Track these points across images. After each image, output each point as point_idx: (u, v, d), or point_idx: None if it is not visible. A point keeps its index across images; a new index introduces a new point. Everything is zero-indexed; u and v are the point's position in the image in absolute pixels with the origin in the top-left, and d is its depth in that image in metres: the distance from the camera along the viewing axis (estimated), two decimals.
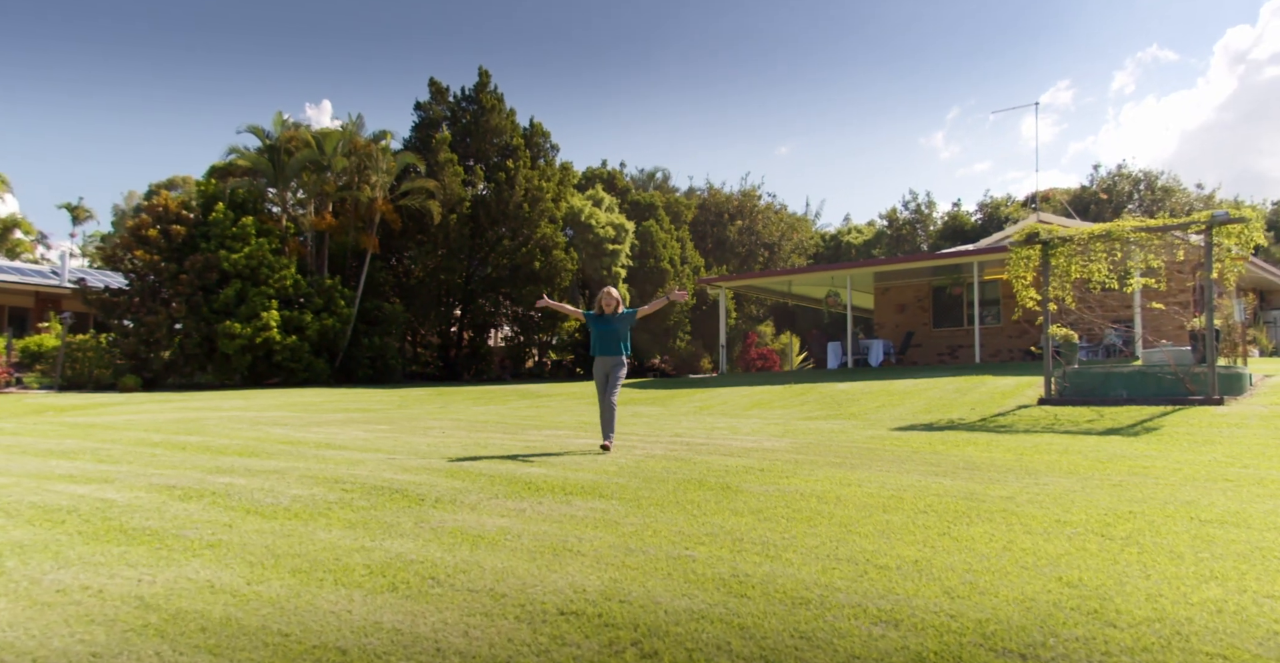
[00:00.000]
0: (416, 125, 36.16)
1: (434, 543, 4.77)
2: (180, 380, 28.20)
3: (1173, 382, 13.03)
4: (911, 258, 24.06)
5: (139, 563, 4.35)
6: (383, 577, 4.12)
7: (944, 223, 53.97)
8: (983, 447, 9.73)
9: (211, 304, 26.73)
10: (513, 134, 35.62)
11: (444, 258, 32.93)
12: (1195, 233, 13.28)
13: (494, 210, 33.32)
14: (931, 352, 24.89)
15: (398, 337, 32.41)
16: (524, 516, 5.51)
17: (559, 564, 4.37)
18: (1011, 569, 4.33)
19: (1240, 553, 4.75)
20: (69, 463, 7.61)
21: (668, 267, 37.56)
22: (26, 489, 6.24)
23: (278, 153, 30.96)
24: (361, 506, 5.79)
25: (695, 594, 3.87)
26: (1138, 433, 10.80)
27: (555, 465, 7.61)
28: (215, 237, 27.39)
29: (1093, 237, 13.48)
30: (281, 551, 4.60)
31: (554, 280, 33.47)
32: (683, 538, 4.90)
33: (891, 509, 5.79)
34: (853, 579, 4.12)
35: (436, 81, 36.34)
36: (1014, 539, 4.97)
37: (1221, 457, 9.12)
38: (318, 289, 28.91)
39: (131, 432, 10.34)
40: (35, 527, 5.09)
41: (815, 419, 13.45)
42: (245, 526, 5.17)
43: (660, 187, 48.31)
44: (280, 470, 7.14)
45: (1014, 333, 23.64)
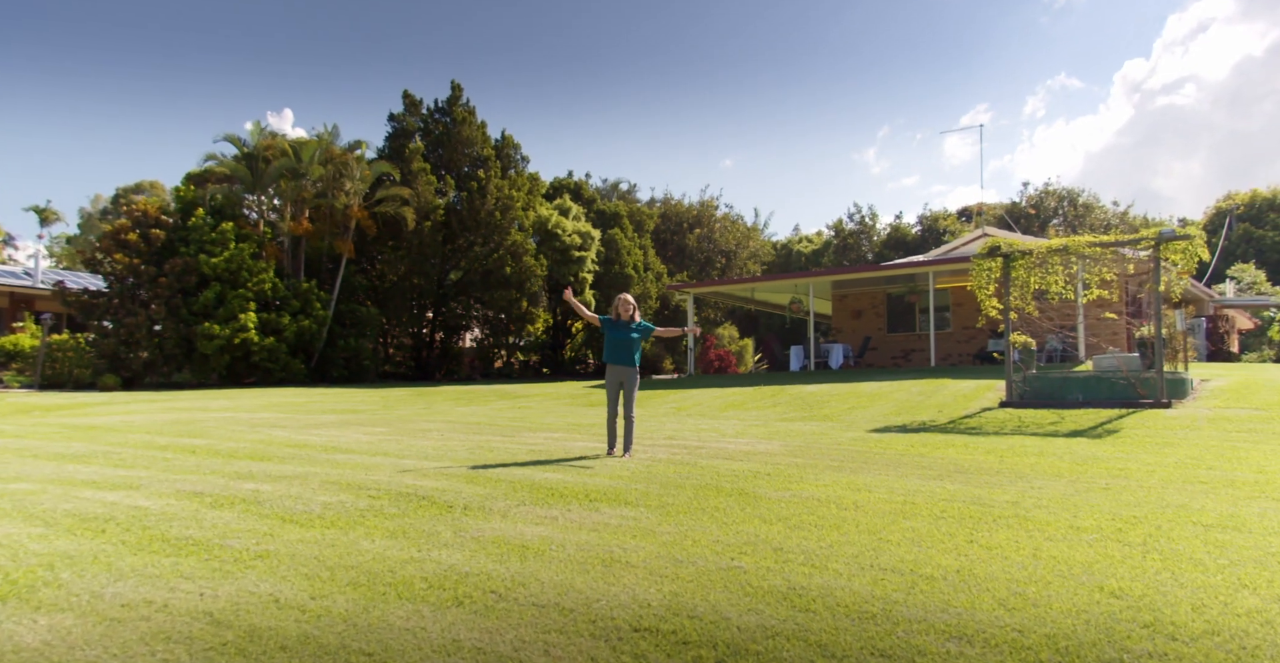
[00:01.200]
0: (390, 135, 35.62)
1: (481, 554, 4.55)
2: (158, 380, 27.41)
3: (1125, 386, 13.20)
4: (870, 268, 24.22)
5: (194, 575, 4.07)
6: (444, 590, 3.90)
7: (886, 234, 54.58)
8: (963, 449, 9.72)
9: (190, 306, 26.11)
10: (484, 145, 35.31)
11: (417, 263, 32.49)
12: (1144, 248, 13.46)
13: (466, 218, 32.97)
14: (886, 355, 25.07)
15: (372, 338, 31.87)
16: (557, 524, 5.31)
17: (613, 576, 4.18)
18: (1051, 578, 4.24)
19: (1255, 559, 4.71)
20: (86, 468, 7.22)
21: (632, 272, 37.41)
22: (55, 496, 5.88)
23: (255, 160, 30.36)
24: (393, 513, 5.54)
25: (760, 609, 3.71)
26: (1100, 436, 10.89)
27: (569, 470, 7.40)
28: (195, 241, 26.77)
29: (1050, 250, 13.61)
30: (332, 562, 4.35)
31: (524, 285, 33.19)
32: (724, 548, 4.74)
33: (910, 515, 5.69)
34: (906, 591, 3.99)
35: (410, 94, 35.87)
36: (1039, 546, 4.89)
37: (1185, 459, 9.20)
38: (295, 292, 28.37)
39: (135, 434, 9.90)
40: (77, 536, 4.77)
41: (792, 421, 13.39)
42: (286, 535, 4.90)
43: (624, 196, 48.15)
44: (300, 476, 6.84)
45: (963, 338, 23.90)
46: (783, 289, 27.05)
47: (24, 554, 4.38)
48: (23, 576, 4.02)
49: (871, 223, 55.45)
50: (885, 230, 54.85)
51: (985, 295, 14.09)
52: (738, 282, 26.66)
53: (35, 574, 4.03)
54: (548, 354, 40.56)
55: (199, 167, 31.37)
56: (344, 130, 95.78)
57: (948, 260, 21.95)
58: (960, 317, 24.06)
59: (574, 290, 37.01)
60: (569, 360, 40.78)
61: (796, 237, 56.59)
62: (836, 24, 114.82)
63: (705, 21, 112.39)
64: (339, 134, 32.36)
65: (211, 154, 30.57)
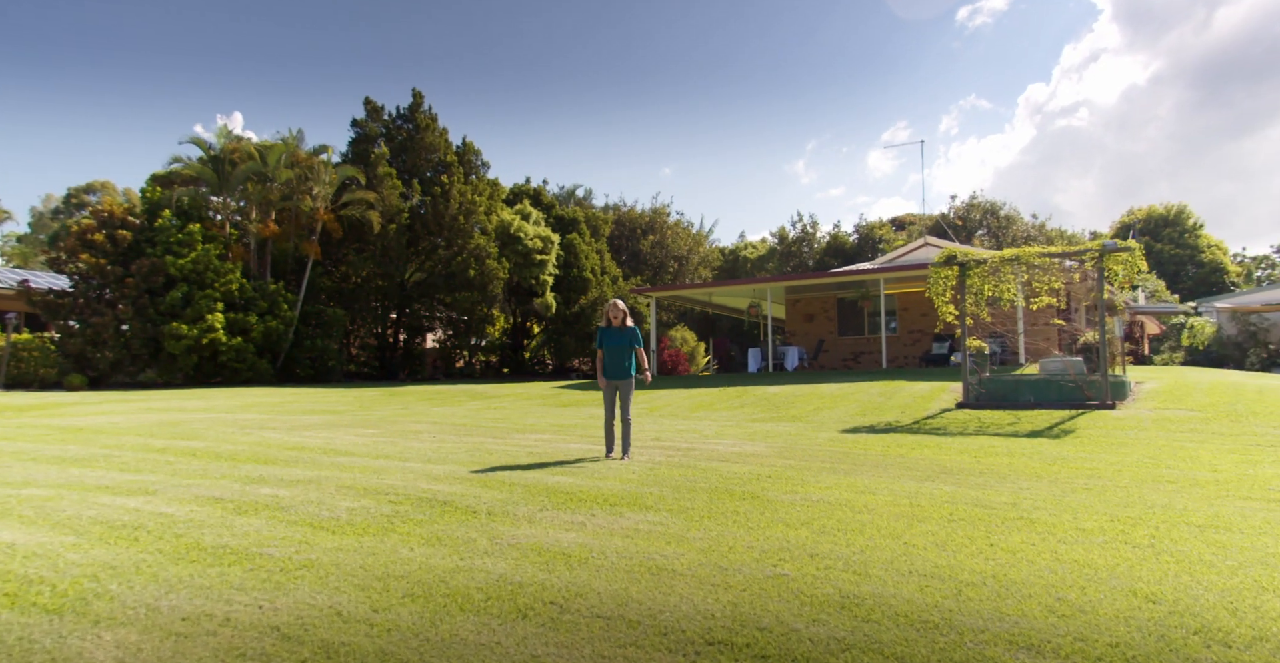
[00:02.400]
0: (353, 141, 34.85)
1: (526, 562, 4.33)
2: (124, 379, 26.41)
3: (1073, 388, 13.41)
4: (824, 274, 24.36)
5: (245, 586, 3.79)
6: (503, 602, 3.69)
7: (826, 242, 55.14)
8: (937, 450, 9.73)
9: (158, 306, 25.19)
10: (446, 152, 34.76)
11: (382, 265, 31.81)
12: (1089, 259, 13.69)
13: (430, 222, 32.43)
14: (837, 357, 25.24)
15: (337, 339, 31.13)
16: (587, 530, 5.11)
17: (665, 585, 4.00)
18: (1083, 583, 4.17)
19: (1259, 560, 4.70)
20: (92, 472, 6.78)
21: (590, 276, 37.16)
22: (74, 502, 5.48)
23: (221, 163, 29.43)
24: (420, 519, 5.28)
25: (824, 619, 3.57)
26: (1058, 436, 11.02)
27: (576, 474, 7.19)
28: (161, 242, 25.85)
29: (1003, 260, 13.78)
30: (379, 571, 4.09)
31: (486, 288, 32.71)
32: (761, 554, 4.59)
33: (921, 518, 5.61)
34: (954, 598, 3.88)
35: (371, 100, 35.13)
36: (1056, 550, 4.83)
37: (1143, 458, 9.32)
38: (262, 293, 27.57)
39: (127, 436, 9.38)
40: (112, 545, 4.43)
41: (763, 421, 13.32)
42: (322, 543, 4.62)
43: (580, 203, 47.80)
44: (314, 480, 6.51)
45: (908, 341, 24.18)
46: (739, 294, 27.10)
47: (63, 564, 4.05)
48: (69, 587, 3.70)
49: (813, 231, 55.99)
50: (825, 238, 55.42)
51: (942, 302, 14.21)
52: (698, 287, 26.63)
53: (82, 586, 3.72)
54: (508, 355, 40.11)
55: (164, 169, 30.29)
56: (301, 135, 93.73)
57: (896, 268, 22.19)
58: (906, 321, 24.35)
59: (535, 293, 36.81)
60: (528, 361, 40.38)
61: (743, 243, 56.84)
62: (769, 45, 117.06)
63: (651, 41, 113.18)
64: (304, 138, 31.63)
65: (177, 156, 29.55)
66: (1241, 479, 8.09)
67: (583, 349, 38.13)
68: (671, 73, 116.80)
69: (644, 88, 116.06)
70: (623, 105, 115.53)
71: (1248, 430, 11.08)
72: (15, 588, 3.67)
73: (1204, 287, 54.99)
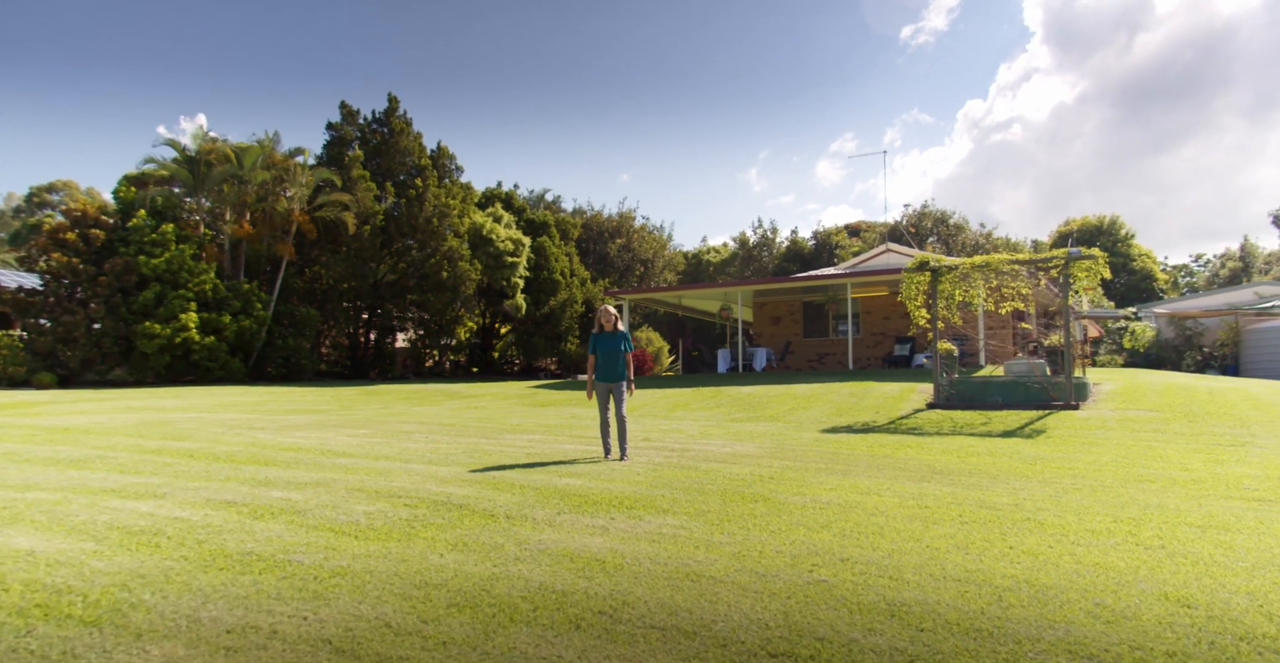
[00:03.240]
0: (328, 143, 34.14)
1: (561, 569, 4.12)
2: (94, 378, 25.51)
3: (1039, 390, 13.51)
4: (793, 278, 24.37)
5: (283, 596, 3.53)
6: (552, 611, 3.47)
7: (786, 247, 55.40)
8: (921, 450, 9.69)
9: (130, 305, 24.39)
10: (420, 155, 34.25)
11: (356, 266, 31.19)
12: (1055, 266, 13.81)
13: (404, 224, 31.87)
14: (803, 358, 25.27)
15: (310, 338, 30.44)
16: (610, 534, 4.91)
17: (708, 592, 3.81)
18: (1114, 587, 4.07)
19: (1270, 562, 4.64)
20: (92, 474, 6.38)
21: (559, 278, 36.85)
22: (84, 507, 5.13)
23: (197, 164, 28.61)
24: (440, 523, 5.03)
25: (878, 628, 3.41)
26: (1031, 436, 11.06)
27: (582, 476, 6.97)
28: (135, 242, 25.04)
29: (974, 266, 13.84)
30: (415, 579, 3.85)
31: (459, 289, 32.23)
32: (794, 559, 4.44)
33: (933, 520, 5.51)
34: (996, 604, 3.75)
35: (347, 104, 34.47)
36: (1075, 553, 4.74)
37: (1117, 458, 9.37)
38: (236, 293, 26.84)
39: (117, 437, 8.92)
40: (135, 552, 4.13)
41: (743, 421, 13.21)
42: (348, 548, 4.36)
43: (549, 206, 47.43)
44: (322, 483, 6.21)
45: (871, 344, 24.30)
46: (708, 297, 27.03)
47: (90, 573, 3.75)
48: (101, 597, 3.42)
49: (772, 236, 56.24)
50: (784, 243, 55.70)
51: (915, 306, 14.23)
52: (669, 289, 26.50)
53: (114, 596, 3.44)
54: (477, 354, 39.62)
55: (137, 169, 29.50)
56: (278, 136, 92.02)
57: (863, 273, 22.30)
58: (868, 324, 24.47)
59: (505, 294, 36.38)
60: (497, 360, 39.95)
61: (705, 247, 56.91)
62: (725, 58, 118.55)
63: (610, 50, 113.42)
64: (280, 140, 30.86)
65: (151, 157, 28.73)
66: (1214, 479, 8.15)
67: (552, 349, 37.81)
68: (630, 82, 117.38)
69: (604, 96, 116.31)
70: (583, 112, 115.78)
71: (1206, 430, 11.23)
72: (46, 598, 3.38)
73: (1135, 293, 56.33)
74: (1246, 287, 31.06)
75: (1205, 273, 75.19)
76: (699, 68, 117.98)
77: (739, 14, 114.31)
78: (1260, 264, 74.22)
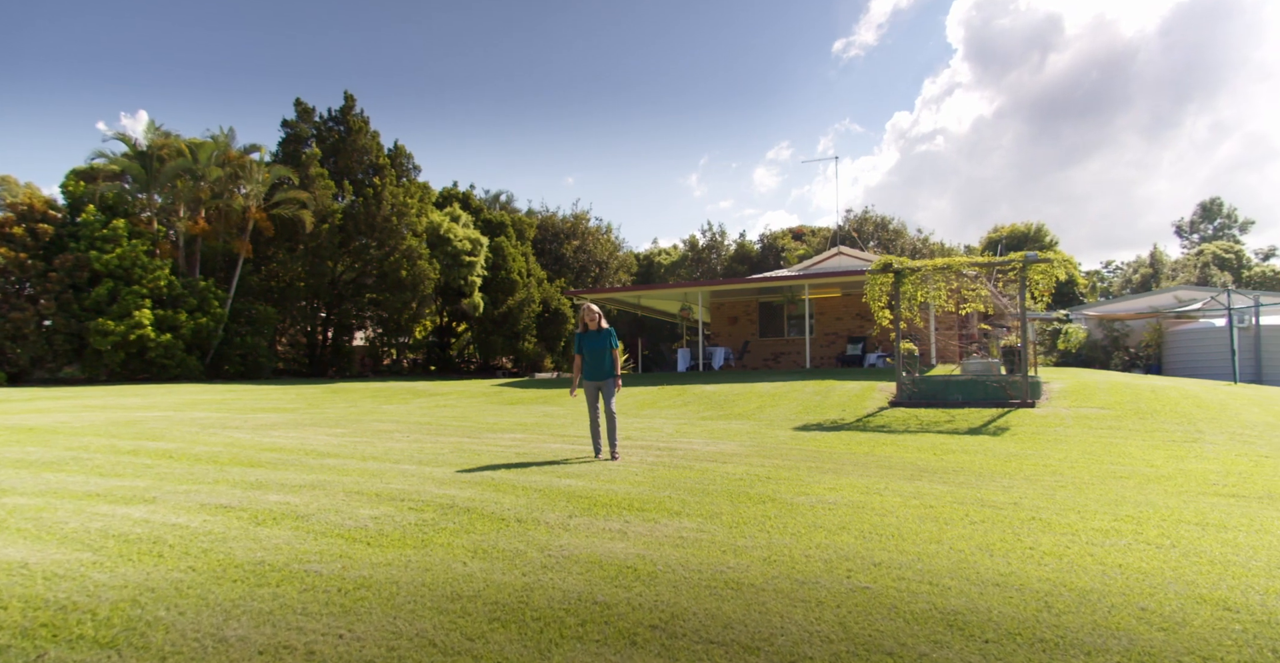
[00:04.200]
0: (283, 141, 33.02)
1: (594, 578, 3.79)
2: (45, 376, 24.20)
3: (997, 388, 13.57)
4: (751, 279, 24.24)
5: (309, 611, 3.14)
6: (602, 626, 3.15)
7: (734, 249, 55.57)
8: (898, 448, 9.57)
9: (82, 302, 23.16)
10: (378, 154, 33.37)
11: (314, 264, 30.19)
12: (1012, 269, 13.89)
13: (362, 222, 30.96)
14: (759, 357, 25.20)
15: (268, 336, 29.38)
16: (630, 539, 4.60)
17: (754, 602, 3.52)
18: (1150, 590, 3.89)
19: None
20: (70, 477, 5.80)
21: (517, 278, 36.24)
22: (70, 513, 4.62)
23: (149, 159, 27.36)
24: (451, 528, 4.65)
25: (944, 640, 3.17)
26: (996, 433, 11.05)
27: (580, 476, 6.62)
28: (85, 237, 23.79)
29: (935, 268, 13.85)
30: (445, 590, 3.49)
31: (418, 288, 31.43)
32: (826, 564, 4.18)
33: (944, 521, 5.31)
34: (1045, 610, 3.53)
35: (302, 101, 33.40)
36: (1094, 553, 4.57)
37: (1084, 455, 9.37)
38: (192, 290, 25.71)
39: (85, 437, 8.24)
40: (137, 563, 3.67)
41: (714, 419, 12.99)
42: (364, 557, 3.96)
43: (504, 207, 46.71)
44: (316, 485, 5.75)
45: (824, 344, 24.34)
46: (667, 297, 26.78)
47: (93, 587, 3.30)
48: (112, 614, 3.00)
49: (721, 239, 56.36)
50: (733, 246, 55.87)
51: (878, 307, 14.19)
52: (629, 289, 26.16)
53: (126, 612, 3.01)
54: (434, 353, 38.79)
55: (86, 163, 28.00)
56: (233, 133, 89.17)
57: (817, 274, 22.30)
58: (822, 324, 24.51)
59: (463, 293, 35.65)
60: (455, 359, 39.16)
61: (656, 249, 56.76)
62: (669, 67, 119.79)
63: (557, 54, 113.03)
64: (235, 137, 29.67)
65: (100, 151, 27.33)
66: (1182, 475, 8.17)
67: (509, 348, 37.19)
68: (576, 86, 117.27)
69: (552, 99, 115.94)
70: (530, 115, 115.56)
71: (1158, 427, 11.36)
72: (51, 617, 2.95)
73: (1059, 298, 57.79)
74: (1168, 291, 32.04)
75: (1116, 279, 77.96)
76: (642, 75, 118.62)
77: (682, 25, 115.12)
78: (1167, 271, 77.15)
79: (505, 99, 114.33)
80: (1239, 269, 73.21)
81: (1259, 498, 6.96)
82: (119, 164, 27.29)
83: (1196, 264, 74.42)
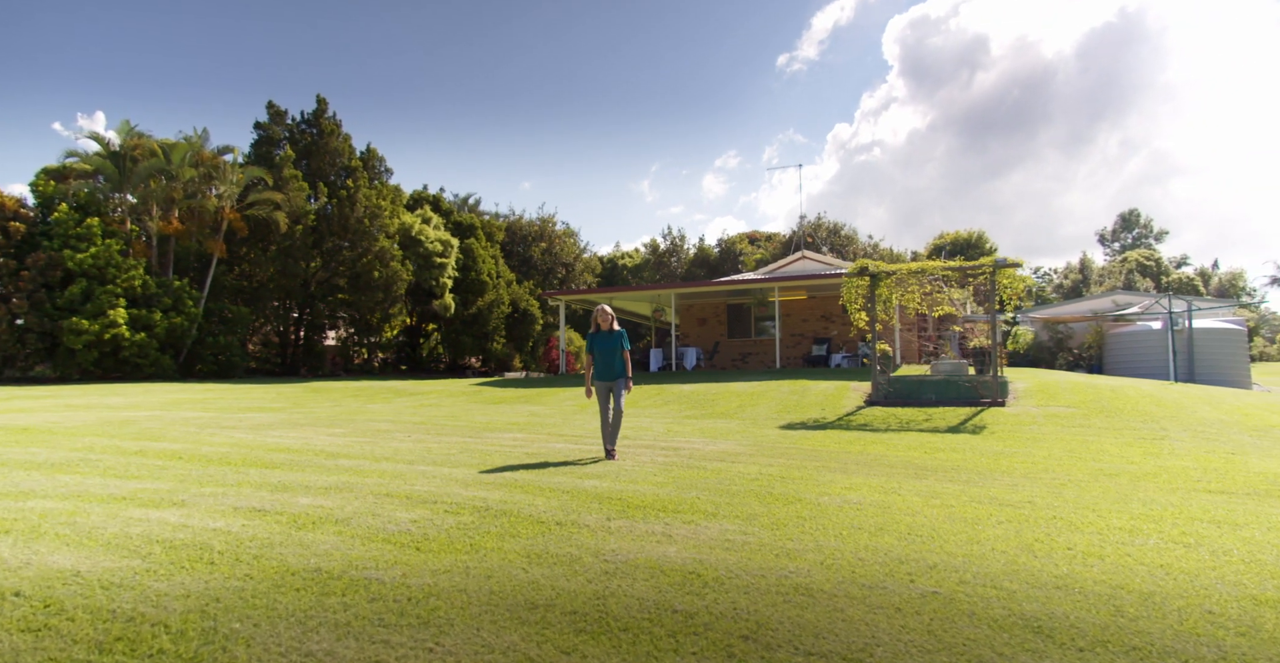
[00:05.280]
0: (256, 143, 32.05)
1: (660, 583, 3.53)
2: (15, 374, 23.08)
3: (969, 388, 13.63)
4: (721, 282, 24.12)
5: (388, 622, 2.86)
6: (696, 638, 2.92)
7: (694, 253, 55.59)
8: (890, 446, 9.49)
9: (55, 301, 22.07)
10: (350, 157, 32.59)
11: (288, 264, 29.32)
12: (983, 273, 13.96)
13: (336, 224, 30.17)
14: (727, 358, 25.13)
15: (241, 335, 28.44)
16: (678, 542, 4.36)
17: (830, 608, 3.31)
18: (1201, 590, 3.77)
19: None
20: (86, 479, 5.32)
21: (487, 279, 35.70)
22: (104, 517, 4.21)
23: (122, 159, 26.28)
24: (495, 532, 4.37)
25: (1040, 649, 2.98)
26: (976, 431, 11.06)
27: (600, 477, 6.34)
28: (59, 236, 22.71)
29: (910, 272, 13.86)
30: (517, 599, 3.20)
31: (391, 288, 30.75)
32: (883, 568, 3.98)
33: (971, 520, 5.18)
34: (1118, 615, 3.39)
35: (275, 104, 32.50)
36: (1131, 553, 4.45)
37: (1067, 453, 9.37)
38: (166, 289, 24.75)
39: (85, 438, 7.67)
40: (191, 570, 3.33)
41: (700, 418, 12.80)
42: (419, 562, 3.65)
43: (473, 210, 46.03)
44: (342, 487, 5.38)
45: (790, 344, 24.36)
46: (637, 299, 26.58)
47: (154, 595, 2.97)
48: (185, 626, 2.68)
49: (681, 243, 56.35)
50: (692, 250, 55.89)
51: (855, 309, 14.15)
52: (603, 291, 25.88)
53: (199, 624, 2.70)
54: (405, 352, 38.04)
55: (57, 163, 26.81)
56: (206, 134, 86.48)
57: (784, 277, 22.29)
58: (788, 326, 24.52)
59: (434, 294, 34.94)
60: (425, 358, 38.43)
61: (619, 252, 56.52)
62: (623, 77, 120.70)
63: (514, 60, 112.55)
64: (209, 138, 28.69)
65: (72, 151, 26.24)
66: (1163, 472, 8.20)
67: (479, 348, 36.62)
68: (532, 93, 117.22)
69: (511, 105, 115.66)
70: (487, 120, 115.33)
71: (1124, 425, 11.48)
72: (123, 630, 2.62)
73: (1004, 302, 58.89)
74: (1107, 295, 32.78)
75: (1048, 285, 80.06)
76: (597, 84, 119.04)
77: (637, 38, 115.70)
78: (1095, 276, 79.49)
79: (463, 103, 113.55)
80: (1159, 275, 75.66)
81: (1247, 495, 6.99)
82: (91, 163, 26.19)
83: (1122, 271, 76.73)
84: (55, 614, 2.73)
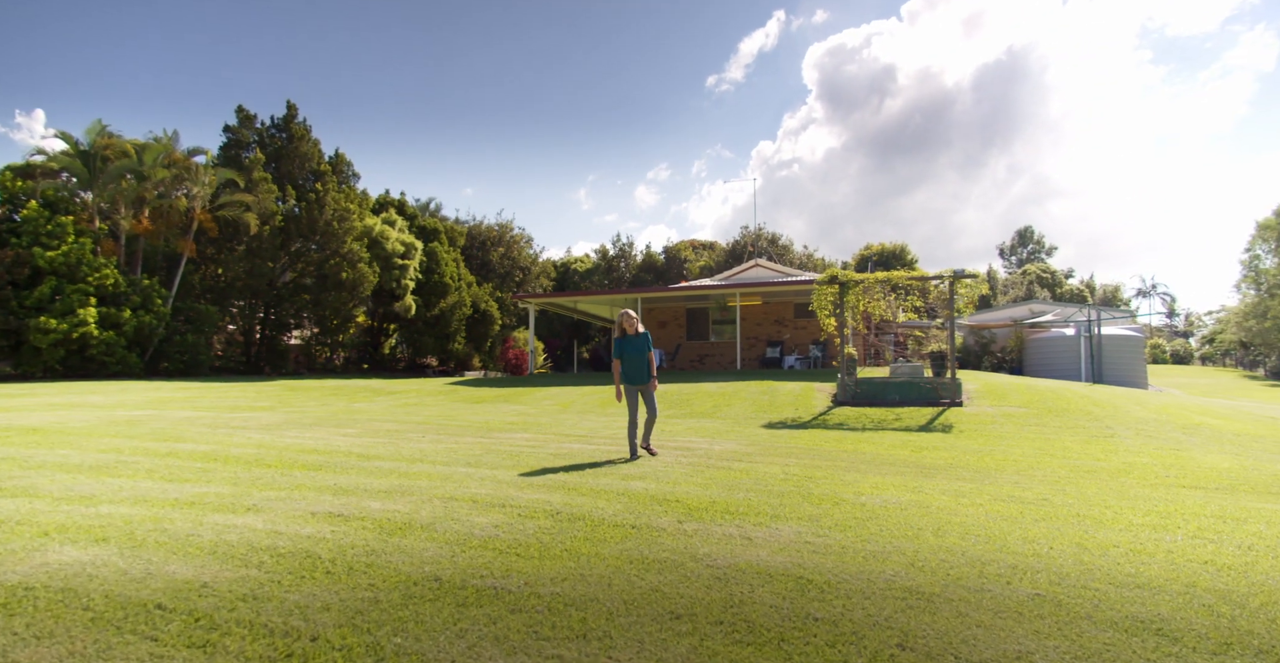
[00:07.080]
0: (225, 146, 30.66)
1: (779, 589, 3.32)
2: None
3: (929, 389, 13.82)
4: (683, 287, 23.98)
5: (546, 635, 2.62)
6: (853, 648, 2.73)
7: (641, 260, 55.51)
8: (876, 445, 9.49)
9: (22, 299, 20.55)
10: (319, 161, 31.45)
11: (256, 265, 28.07)
12: (946, 282, 14.17)
13: (305, 226, 29.05)
14: (686, 359, 25.05)
15: (209, 334, 27.08)
16: (761, 545, 4.14)
17: (957, 613, 3.16)
18: (1254, 588, 3.79)
19: None
20: (135, 482, 4.77)
21: (449, 281, 34.88)
22: (190, 524, 3.78)
23: (91, 158, 24.77)
24: (579, 536, 4.09)
25: (1176, 653, 2.89)
26: (945, 431, 11.18)
27: (642, 478, 6.09)
28: (28, 233, 21.19)
29: (877, 281, 13.99)
30: (658, 609, 2.94)
31: (357, 290, 29.76)
32: (973, 569, 3.86)
33: (1007, 518, 5.13)
34: (1215, 616, 3.36)
35: (244, 109, 31.17)
36: (1172, 549, 4.45)
37: (1037, 451, 9.51)
38: (136, 288, 23.37)
39: (103, 439, 6.98)
40: (313, 581, 3.03)
41: (682, 418, 12.62)
42: (531, 571, 3.35)
43: (434, 214, 44.96)
44: (402, 491, 4.98)
45: (746, 347, 24.44)
46: (600, 302, 26.32)
47: (295, 608, 2.67)
48: (349, 643, 2.41)
49: (629, 250, 56.19)
50: (640, 257, 55.80)
51: (824, 314, 14.21)
52: (570, 295, 25.52)
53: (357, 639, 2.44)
54: (367, 352, 36.85)
55: (23, 159, 25.10)
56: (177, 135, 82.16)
57: (744, 284, 22.35)
58: (744, 329, 24.59)
59: (396, 296, 33.94)
60: (385, 357, 37.29)
61: (571, 257, 56.02)
62: (561, 91, 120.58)
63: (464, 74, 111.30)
64: (179, 139, 27.31)
65: (40, 148, 24.60)
66: (1134, 468, 8.38)
67: (440, 348, 35.73)
68: (478, 102, 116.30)
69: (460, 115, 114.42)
70: (428, 124, 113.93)
71: (1076, 424, 11.77)
72: (289, 646, 2.34)
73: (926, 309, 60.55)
74: (1024, 303, 33.93)
75: None
76: (537, 92, 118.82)
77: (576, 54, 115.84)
78: (1001, 287, 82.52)
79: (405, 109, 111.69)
80: (1054, 286, 78.98)
81: (1217, 489, 7.18)
82: (59, 162, 24.65)
83: (1023, 282, 79.77)
84: (212, 630, 2.40)
